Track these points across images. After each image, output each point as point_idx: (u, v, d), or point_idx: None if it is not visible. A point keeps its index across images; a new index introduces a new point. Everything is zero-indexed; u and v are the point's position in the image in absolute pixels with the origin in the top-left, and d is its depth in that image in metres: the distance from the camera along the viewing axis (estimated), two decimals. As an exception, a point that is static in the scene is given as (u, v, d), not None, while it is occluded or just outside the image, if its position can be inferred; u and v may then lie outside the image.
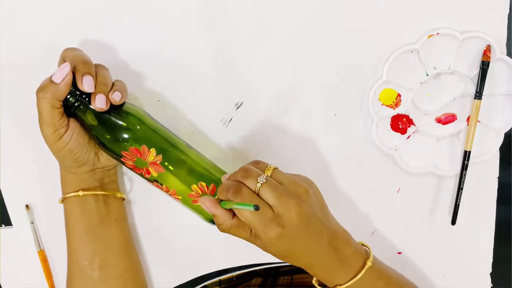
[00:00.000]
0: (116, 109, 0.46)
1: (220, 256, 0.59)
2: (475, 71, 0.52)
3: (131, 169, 0.48)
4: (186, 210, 0.57)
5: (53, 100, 0.44)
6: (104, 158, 0.50)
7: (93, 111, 0.45)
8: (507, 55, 0.52)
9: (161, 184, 0.48)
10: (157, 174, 0.48)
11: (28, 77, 0.48)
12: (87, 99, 0.45)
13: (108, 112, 0.46)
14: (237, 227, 0.44)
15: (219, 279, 0.65)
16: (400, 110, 0.54)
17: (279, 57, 0.52)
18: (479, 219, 0.59)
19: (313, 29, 0.52)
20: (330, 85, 0.54)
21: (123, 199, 0.54)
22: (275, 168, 0.45)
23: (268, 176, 0.43)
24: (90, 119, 0.46)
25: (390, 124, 0.55)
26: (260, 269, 0.71)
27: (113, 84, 0.46)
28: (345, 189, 0.58)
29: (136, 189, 0.57)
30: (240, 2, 0.50)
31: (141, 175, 0.48)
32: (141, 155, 0.47)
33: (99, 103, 0.44)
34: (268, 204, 0.42)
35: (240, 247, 0.59)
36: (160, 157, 0.47)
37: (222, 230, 0.45)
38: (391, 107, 0.54)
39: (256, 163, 0.46)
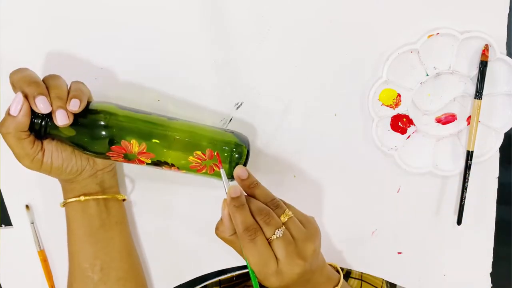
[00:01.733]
0: (83, 112, 0.44)
1: (220, 256, 0.59)
2: (475, 71, 0.52)
3: (125, 163, 0.48)
4: (186, 210, 0.57)
5: (17, 134, 0.42)
6: (100, 160, 0.50)
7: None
8: (507, 55, 0.52)
9: (160, 166, 0.47)
10: (150, 160, 0.47)
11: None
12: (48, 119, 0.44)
13: (76, 119, 0.44)
14: (234, 242, 0.45)
15: (219, 279, 0.65)
16: (400, 110, 0.54)
17: (279, 57, 0.52)
18: (479, 219, 0.59)
19: (313, 29, 0.52)
20: (330, 85, 0.54)
21: (124, 200, 0.54)
22: (291, 217, 0.44)
23: (284, 229, 0.43)
24: (65, 132, 0.44)
25: (390, 124, 0.55)
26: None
27: (68, 92, 0.44)
28: (345, 189, 0.58)
29: (137, 190, 0.57)
30: (240, 2, 0.50)
31: (137, 164, 0.47)
32: (125, 149, 0.46)
33: (61, 121, 0.43)
34: (276, 257, 0.43)
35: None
36: (144, 145, 0.46)
37: (219, 235, 0.45)
38: (391, 107, 0.54)
39: (275, 206, 0.45)
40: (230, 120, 0.54)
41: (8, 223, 0.57)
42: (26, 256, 0.58)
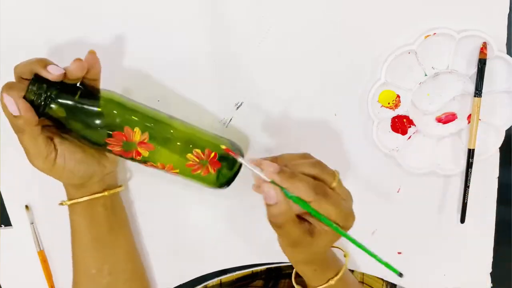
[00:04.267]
0: (88, 97, 0.44)
1: (221, 256, 0.59)
2: (474, 69, 0.52)
3: (120, 155, 0.46)
4: (186, 210, 0.57)
5: (31, 130, 0.42)
6: (109, 162, 0.49)
7: (60, 103, 0.43)
8: (507, 53, 0.52)
9: (155, 163, 0.46)
10: (148, 153, 0.46)
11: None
12: (51, 94, 0.42)
13: (80, 102, 0.43)
14: (295, 223, 0.41)
15: (220, 280, 0.65)
16: (400, 111, 0.54)
17: (279, 57, 0.53)
18: (479, 218, 0.59)
19: (313, 30, 0.52)
20: (330, 86, 0.54)
21: (120, 186, 0.53)
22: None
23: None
24: (59, 112, 0.43)
25: (391, 125, 0.55)
26: (261, 271, 0.70)
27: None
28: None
29: (136, 189, 0.57)
30: (240, 2, 0.51)
31: (132, 158, 0.46)
32: (127, 137, 0.45)
33: (52, 70, 0.41)
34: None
35: (241, 247, 0.59)
36: (146, 134, 0.45)
37: (276, 221, 0.40)
38: (390, 108, 0.54)
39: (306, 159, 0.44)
40: (230, 120, 0.55)
41: (8, 223, 0.57)
42: (26, 256, 0.58)
